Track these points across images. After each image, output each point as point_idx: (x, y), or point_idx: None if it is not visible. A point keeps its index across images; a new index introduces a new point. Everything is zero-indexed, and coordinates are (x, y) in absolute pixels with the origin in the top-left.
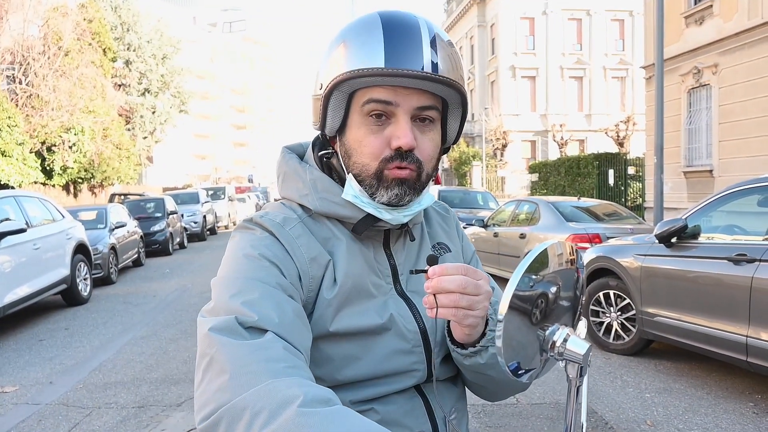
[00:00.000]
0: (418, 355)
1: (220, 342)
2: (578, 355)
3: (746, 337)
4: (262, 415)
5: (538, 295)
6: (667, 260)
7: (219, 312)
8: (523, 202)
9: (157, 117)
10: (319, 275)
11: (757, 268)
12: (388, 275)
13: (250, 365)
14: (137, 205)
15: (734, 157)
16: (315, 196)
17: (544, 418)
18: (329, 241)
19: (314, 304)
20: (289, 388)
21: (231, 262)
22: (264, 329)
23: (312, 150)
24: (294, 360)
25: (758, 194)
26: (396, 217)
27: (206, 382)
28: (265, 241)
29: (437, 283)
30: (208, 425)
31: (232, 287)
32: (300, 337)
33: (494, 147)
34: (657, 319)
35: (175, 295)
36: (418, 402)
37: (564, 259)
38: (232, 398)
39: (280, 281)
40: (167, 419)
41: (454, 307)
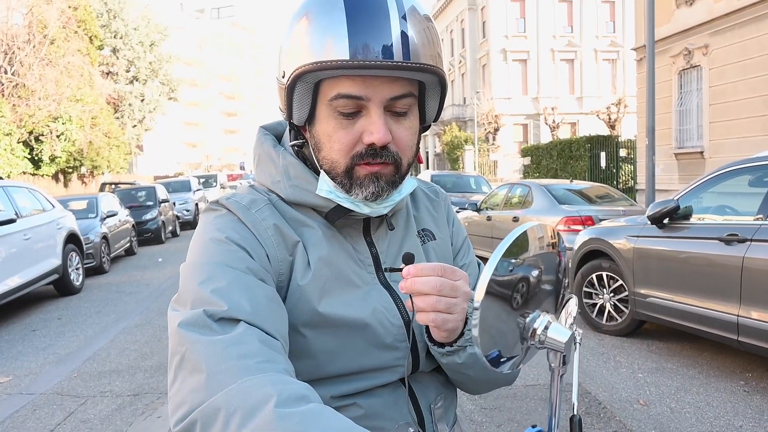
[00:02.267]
0: (403, 350)
1: (190, 339)
2: (560, 343)
3: (737, 317)
4: (236, 417)
5: (518, 279)
6: (660, 241)
7: (187, 302)
8: (516, 185)
9: (146, 105)
10: (288, 258)
11: (748, 247)
12: (370, 264)
13: (222, 363)
14: (128, 194)
15: (725, 139)
16: (287, 183)
17: (538, 399)
18: (301, 227)
19: (287, 289)
20: (263, 387)
21: (198, 247)
22: (236, 319)
23: (289, 133)
24: (269, 353)
25: (749, 174)
26: (376, 210)
27: (179, 381)
28: (231, 223)
29: (411, 285)
30: (183, 428)
31: (200, 274)
32: (275, 322)
33: (486, 131)
34: (649, 300)
35: (169, 284)
36: (402, 394)
37: (545, 243)
38: (206, 399)
39: (250, 265)
40: (163, 406)
41: (432, 311)
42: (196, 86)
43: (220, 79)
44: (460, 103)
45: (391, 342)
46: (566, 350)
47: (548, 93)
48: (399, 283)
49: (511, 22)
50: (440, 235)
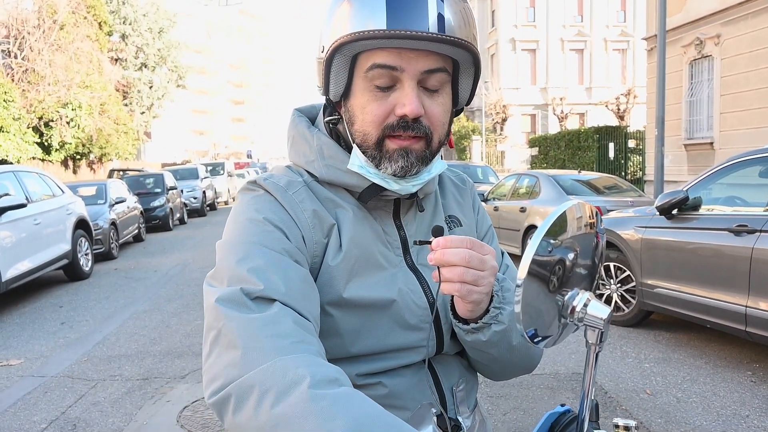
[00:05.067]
0: (427, 331)
1: (227, 316)
2: (599, 320)
3: (745, 307)
4: (270, 394)
5: (555, 261)
6: (668, 232)
7: (224, 279)
8: (524, 175)
9: (154, 92)
10: (323, 241)
11: (757, 238)
12: (398, 247)
13: (258, 341)
14: (136, 181)
15: (735, 130)
16: (321, 163)
17: (544, 388)
18: (335, 208)
19: (318, 270)
20: (297, 367)
21: (235, 226)
22: (271, 299)
23: (323, 114)
24: (302, 334)
25: (759, 165)
26: (405, 187)
27: (215, 356)
28: (269, 204)
29: (441, 256)
30: (217, 400)
31: (237, 252)
32: (308, 304)
33: (494, 121)
34: (657, 291)
35: (177, 270)
36: (425, 375)
37: (583, 223)
38: (241, 375)
39: (286, 246)
40: (171, 391)
41: (459, 281)
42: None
43: (228, 67)
44: None
45: (415, 323)
46: (605, 327)
47: (557, 83)
48: (428, 255)
49: (521, 11)
50: (466, 221)
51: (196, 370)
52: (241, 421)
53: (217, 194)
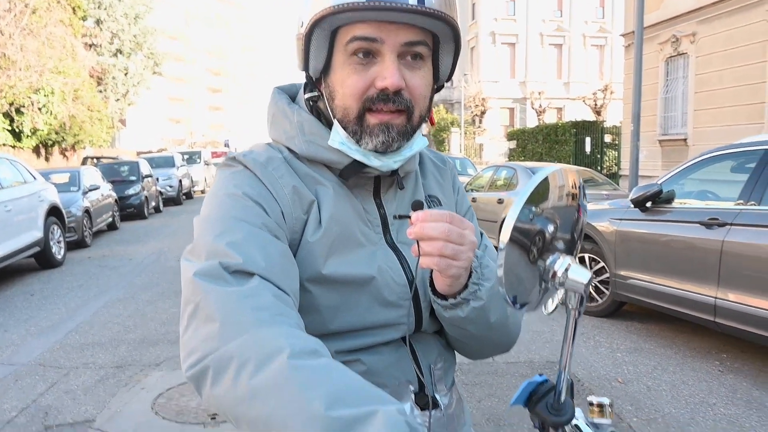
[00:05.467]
0: (406, 308)
1: (205, 289)
2: (580, 284)
3: (715, 299)
4: (249, 366)
5: (536, 231)
6: (642, 224)
7: (202, 253)
8: (501, 167)
9: (129, 79)
10: (302, 217)
11: (728, 231)
12: (378, 225)
13: (236, 314)
14: (111, 169)
15: (709, 126)
16: (301, 139)
17: (519, 376)
18: (315, 185)
19: (298, 246)
20: (276, 339)
21: (214, 201)
22: (250, 272)
23: (303, 92)
24: (282, 307)
25: (731, 160)
26: (386, 163)
27: (192, 329)
28: (248, 179)
29: (420, 230)
30: (195, 373)
31: (215, 227)
32: (288, 279)
33: (473, 114)
34: (630, 282)
35: (152, 259)
36: (404, 352)
37: (565, 192)
38: (219, 347)
39: (265, 221)
40: (146, 378)
41: (438, 255)
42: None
43: (206, 54)
44: (448, 85)
45: (394, 300)
46: (585, 291)
47: (536, 77)
48: (408, 230)
49: (501, 4)
50: (446, 201)
51: (172, 358)
52: (219, 393)
53: (194, 183)
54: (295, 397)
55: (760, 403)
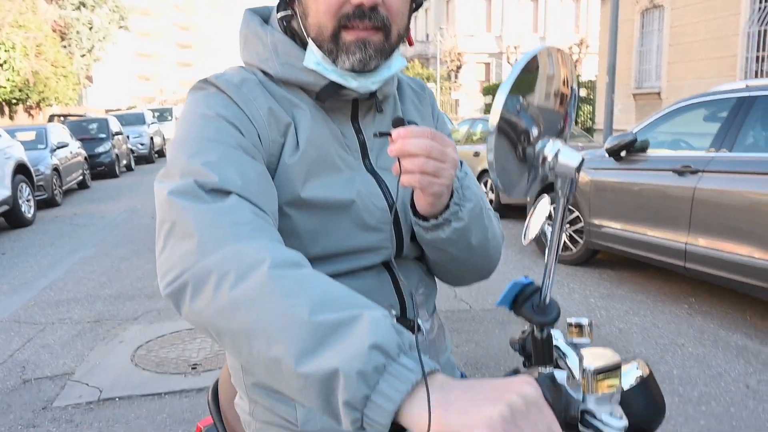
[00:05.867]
0: (387, 232)
1: (181, 206)
2: (571, 168)
3: (685, 244)
4: (229, 278)
5: (522, 129)
6: (616, 173)
7: (176, 174)
8: (478, 120)
9: (94, 33)
10: (279, 140)
11: (699, 178)
12: (357, 150)
13: (214, 229)
14: (79, 126)
15: (682, 80)
16: (276, 61)
17: (495, 322)
18: (291, 108)
19: (275, 169)
20: (257, 251)
21: (186, 123)
22: (227, 191)
23: (275, 12)
24: (261, 223)
25: (704, 109)
26: (364, 84)
27: (169, 247)
28: (222, 101)
29: (401, 146)
30: (173, 290)
31: (189, 147)
32: (266, 198)
33: (449, 69)
34: (603, 230)
35: (125, 216)
36: (386, 278)
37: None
38: (198, 262)
39: (241, 142)
40: (124, 332)
41: (419, 172)
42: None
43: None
44: (423, 40)
45: (375, 224)
46: (575, 175)
47: (512, 31)
48: (388, 147)
49: None
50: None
51: (149, 312)
52: (199, 307)
53: (166, 140)
54: (278, 304)
55: (726, 343)
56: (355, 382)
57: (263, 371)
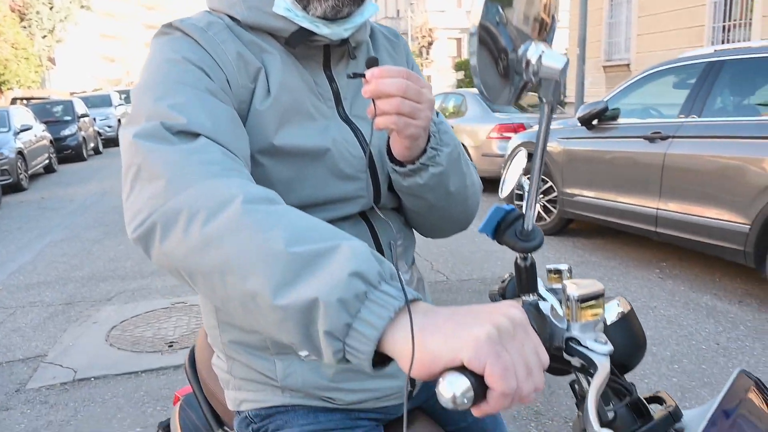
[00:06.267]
0: (363, 180)
1: (147, 149)
2: (555, 70)
3: (656, 210)
4: (200, 215)
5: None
6: (588, 142)
7: (141, 118)
8: (450, 94)
9: (55, 13)
10: (249, 85)
11: (670, 144)
12: (330, 99)
13: (184, 168)
14: (43, 109)
15: (651, 51)
16: (243, 5)
17: (472, 292)
18: (261, 53)
19: (246, 116)
20: (228, 188)
21: (151, 68)
22: (195, 133)
23: None
24: (232, 163)
25: (673, 75)
26: (336, 32)
27: (137, 191)
28: (188, 45)
29: (376, 87)
30: (141, 233)
31: (154, 91)
32: (237, 142)
33: (420, 45)
34: (576, 199)
35: (95, 199)
36: (363, 228)
37: None
38: (167, 202)
39: (209, 86)
40: (98, 313)
41: (395, 113)
42: None
43: None
44: (394, 16)
45: (351, 172)
46: (561, 77)
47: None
48: (363, 88)
49: None
50: None
51: (124, 292)
52: (169, 248)
53: None
54: (252, 238)
55: (696, 304)
56: (336, 311)
57: (239, 309)
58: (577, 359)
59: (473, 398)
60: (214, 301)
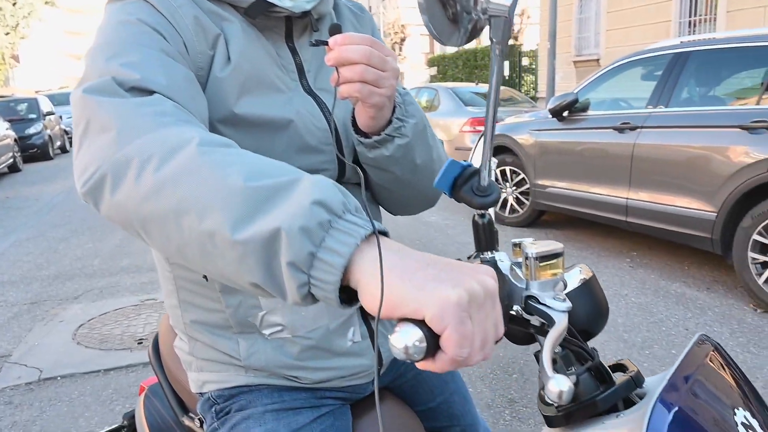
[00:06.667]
0: (328, 153)
1: (97, 102)
2: (504, 7)
3: (627, 199)
4: (152, 161)
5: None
6: (559, 133)
7: (93, 77)
8: (423, 89)
9: (19, 9)
10: (208, 52)
11: (638, 134)
12: (293, 71)
13: (135, 118)
14: (6, 107)
15: (619, 46)
16: None
17: None
18: (220, 21)
19: (206, 84)
20: (182, 134)
21: (104, 31)
22: (150, 90)
23: None
24: (187, 116)
25: (641, 67)
26: (298, 4)
27: (86, 145)
28: (143, 8)
29: (339, 54)
30: (90, 187)
31: (107, 51)
32: (194, 103)
33: (392, 41)
34: (548, 190)
35: (61, 198)
36: None
37: None
38: (117, 152)
39: (165, 47)
40: (64, 311)
41: (359, 80)
42: None
43: None
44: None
45: (315, 144)
46: (510, 14)
47: None
48: (325, 56)
49: None
50: None
51: (91, 290)
52: (120, 198)
53: None
54: (208, 176)
55: (666, 291)
56: (299, 239)
57: (197, 253)
58: (536, 318)
59: (425, 352)
60: (170, 251)
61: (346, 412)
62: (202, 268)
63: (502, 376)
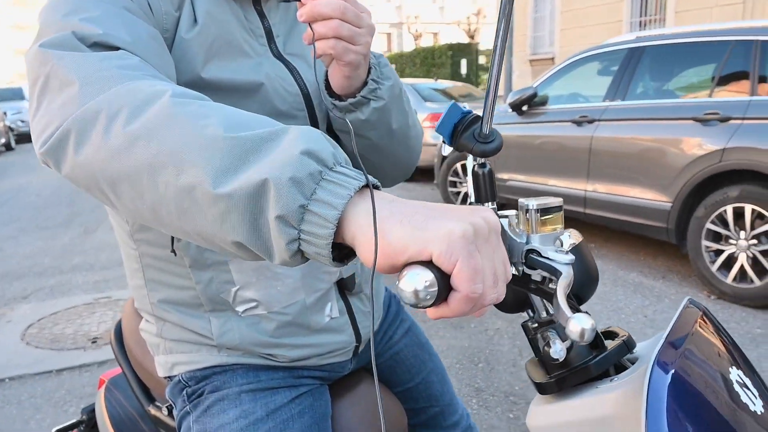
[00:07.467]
0: (301, 119)
1: (57, 56)
2: None
3: (585, 191)
4: (122, 115)
5: None
6: (519, 127)
7: (49, 33)
8: None
9: None
10: (173, 13)
11: (596, 127)
12: (262, 36)
13: (100, 71)
14: None
15: (574, 45)
16: None
17: None
18: None
19: (171, 45)
20: (153, 87)
21: None
22: (113, 46)
23: None
24: (155, 72)
25: (598, 62)
26: None
27: (45, 103)
28: None
29: (312, 8)
30: (51, 145)
31: (64, 7)
32: (161, 61)
33: None
34: (509, 184)
35: (8, 196)
36: None
37: None
38: (81, 107)
39: (127, 5)
40: (12, 312)
41: (334, 36)
42: None
43: None
44: None
45: (287, 109)
46: None
47: (411, 1)
48: (298, 12)
49: None
50: None
51: (41, 289)
52: (85, 156)
53: None
54: (186, 128)
55: (624, 281)
56: (288, 191)
57: (173, 212)
58: (539, 272)
59: (436, 295)
60: (142, 212)
61: (324, 393)
62: (179, 228)
63: (468, 366)
